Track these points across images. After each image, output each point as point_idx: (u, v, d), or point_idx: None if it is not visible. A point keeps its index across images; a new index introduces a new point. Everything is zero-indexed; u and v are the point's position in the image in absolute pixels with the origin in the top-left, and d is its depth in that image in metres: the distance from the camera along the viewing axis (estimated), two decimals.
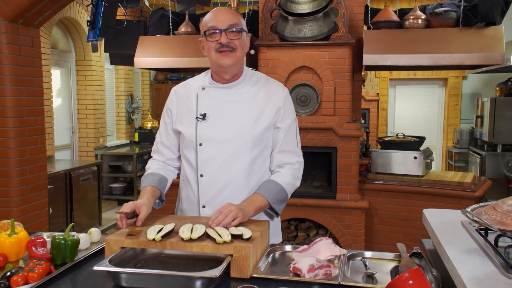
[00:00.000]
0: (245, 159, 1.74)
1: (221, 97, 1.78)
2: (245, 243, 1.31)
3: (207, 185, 1.76)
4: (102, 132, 6.88)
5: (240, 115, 1.76)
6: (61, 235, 1.40)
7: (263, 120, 1.76)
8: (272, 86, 1.84)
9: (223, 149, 1.74)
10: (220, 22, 1.69)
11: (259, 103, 1.78)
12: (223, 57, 1.70)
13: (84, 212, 5.46)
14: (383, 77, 7.69)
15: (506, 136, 6.26)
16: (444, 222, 1.40)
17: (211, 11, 1.77)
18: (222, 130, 1.75)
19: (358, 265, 1.38)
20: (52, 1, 3.09)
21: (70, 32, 6.49)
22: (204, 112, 1.76)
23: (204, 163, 1.75)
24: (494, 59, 3.74)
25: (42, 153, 3.39)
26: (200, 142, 1.76)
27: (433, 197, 3.99)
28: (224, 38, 1.68)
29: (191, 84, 1.87)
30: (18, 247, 1.40)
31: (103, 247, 1.51)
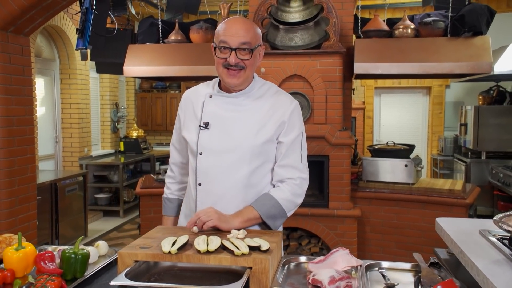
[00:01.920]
0: (243, 171, 1.70)
1: (226, 106, 1.75)
2: (263, 254, 1.28)
3: (204, 194, 1.75)
4: (87, 142, 6.77)
5: (241, 126, 1.72)
6: (70, 249, 1.35)
7: (264, 133, 1.72)
8: (280, 99, 1.79)
9: (221, 160, 1.71)
10: (232, 38, 1.65)
11: (263, 116, 1.73)
12: (230, 76, 1.68)
13: (69, 223, 5.33)
14: (368, 86, 7.77)
15: (490, 143, 6.37)
16: (461, 231, 1.40)
17: (226, 21, 1.72)
18: (222, 140, 1.72)
19: (376, 276, 1.36)
20: (43, 8, 3.03)
21: (54, 40, 6.38)
22: (207, 121, 1.74)
23: (202, 172, 1.74)
24: (482, 68, 3.81)
25: (32, 164, 3.30)
26: (200, 151, 1.74)
27: (425, 205, 4.02)
28: (233, 58, 1.65)
29: (200, 90, 1.85)
30: (26, 262, 1.34)
31: (111, 261, 1.46)
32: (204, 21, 4.48)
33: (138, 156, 7.26)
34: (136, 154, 7.35)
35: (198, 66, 4.25)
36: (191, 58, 4.30)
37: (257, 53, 1.72)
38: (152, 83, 8.36)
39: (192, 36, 4.36)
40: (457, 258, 1.34)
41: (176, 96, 8.22)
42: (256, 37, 1.70)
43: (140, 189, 4.35)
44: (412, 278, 1.36)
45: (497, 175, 6.04)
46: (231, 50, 1.65)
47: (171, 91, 8.33)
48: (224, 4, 4.33)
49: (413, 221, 4.08)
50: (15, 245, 1.36)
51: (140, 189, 4.35)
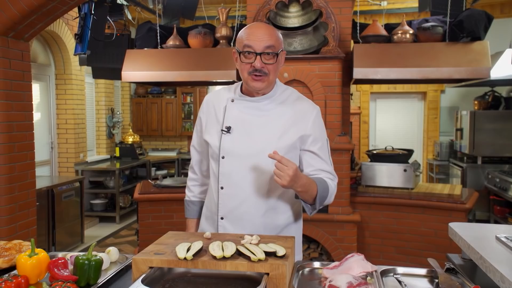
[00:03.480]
0: (265, 175, 1.71)
1: (248, 110, 1.76)
2: (280, 260, 1.27)
3: (226, 197, 1.75)
4: (82, 147, 6.72)
5: (264, 131, 1.73)
6: (83, 255, 1.33)
7: (287, 138, 1.73)
8: (301, 105, 1.79)
9: (244, 164, 1.72)
10: (256, 42, 1.65)
11: (285, 122, 1.74)
12: (255, 81, 1.69)
13: (65, 230, 5.28)
14: (364, 91, 7.81)
15: (485, 148, 6.41)
16: (477, 236, 1.40)
17: (249, 26, 1.72)
18: (244, 145, 1.73)
19: (392, 282, 1.35)
20: (44, 14, 3.00)
21: (49, 45, 6.35)
22: (229, 125, 1.75)
23: (224, 176, 1.75)
24: (481, 73, 3.84)
25: (31, 169, 3.27)
26: (222, 155, 1.75)
27: (424, 210, 4.03)
28: (258, 62, 1.65)
29: (222, 94, 1.86)
30: (39, 269, 1.32)
31: (122, 268, 1.45)
32: (202, 26, 4.48)
33: (133, 161, 7.22)
34: (132, 160, 7.30)
35: (196, 71, 4.24)
36: (190, 63, 4.29)
37: (280, 57, 1.72)
38: (147, 88, 8.33)
39: (190, 41, 4.35)
40: (472, 263, 1.33)
41: (172, 101, 8.19)
42: (278, 41, 1.71)
43: (139, 194, 4.32)
44: (428, 284, 1.35)
45: (493, 180, 6.07)
46: (256, 54, 1.65)
47: (167, 96, 8.30)
48: (222, 9, 4.33)
49: (413, 226, 4.08)
50: (27, 252, 1.34)
51: (139, 194, 4.32)
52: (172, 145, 8.57)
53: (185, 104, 8.36)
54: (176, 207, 4.32)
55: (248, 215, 1.71)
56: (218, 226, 1.77)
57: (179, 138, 8.51)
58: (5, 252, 1.50)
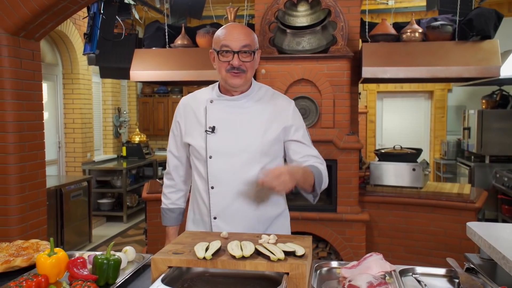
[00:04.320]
0: (254, 170, 1.75)
1: (229, 109, 1.80)
2: (299, 260, 1.27)
3: (218, 196, 1.78)
4: (90, 147, 6.73)
5: (248, 128, 1.78)
6: (102, 255, 1.34)
7: (271, 132, 1.79)
8: (279, 101, 1.87)
9: (232, 162, 1.76)
10: (233, 41, 1.71)
11: (266, 118, 1.80)
12: (233, 78, 1.74)
13: (73, 229, 5.30)
14: (370, 90, 7.78)
15: (493, 147, 6.38)
16: (498, 236, 1.39)
17: (225, 27, 1.78)
18: (231, 143, 1.77)
19: (411, 282, 1.35)
20: (55, 13, 3.01)
21: (57, 45, 6.37)
22: (213, 125, 1.78)
23: (214, 176, 1.78)
24: (491, 72, 3.82)
25: (42, 169, 3.28)
26: (210, 155, 1.78)
27: (433, 209, 4.01)
28: (236, 60, 1.71)
29: (199, 96, 1.89)
30: (59, 268, 1.32)
31: (139, 268, 1.45)
32: (210, 25, 4.48)
33: (140, 161, 7.23)
34: (139, 159, 7.32)
35: (205, 71, 4.24)
36: (198, 63, 4.29)
37: (256, 55, 1.78)
38: (153, 88, 8.34)
39: (198, 40, 4.35)
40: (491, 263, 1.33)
41: (178, 100, 8.10)
42: (254, 40, 1.78)
43: (147, 194, 4.32)
44: (447, 283, 1.34)
45: (501, 179, 6.04)
46: (233, 53, 1.71)
47: (173, 95, 8.31)
48: (231, 9, 4.33)
49: (422, 225, 4.07)
50: (47, 251, 1.34)
51: (147, 194, 4.32)
52: None
53: None
54: None
55: (241, 211, 1.76)
56: (212, 226, 1.80)
57: None
58: (22, 251, 1.50)
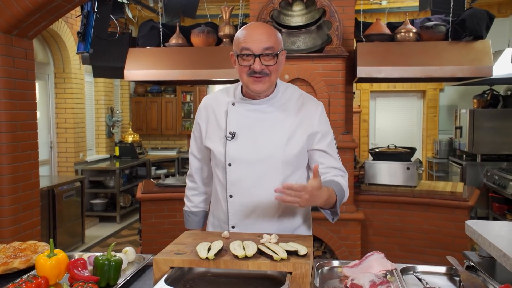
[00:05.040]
0: (275, 180, 1.64)
1: (251, 114, 1.69)
2: (302, 259, 1.27)
3: (236, 206, 1.69)
4: (82, 147, 6.69)
5: (270, 134, 1.67)
6: (103, 256, 1.32)
7: (295, 143, 1.67)
8: (305, 105, 1.73)
9: (252, 170, 1.66)
10: (254, 44, 1.58)
11: (290, 123, 1.69)
12: (255, 83, 1.62)
13: (66, 230, 5.25)
14: (364, 90, 7.82)
15: (485, 146, 6.45)
16: (497, 234, 1.40)
17: (246, 27, 1.65)
18: (252, 150, 1.66)
19: (412, 280, 1.35)
20: (48, 11, 2.98)
21: (48, 44, 6.31)
22: (234, 131, 1.68)
23: (233, 184, 1.68)
24: (483, 72, 3.85)
25: (35, 169, 3.24)
26: (229, 162, 1.67)
27: (427, 208, 4.04)
28: (257, 64, 1.58)
29: (221, 97, 1.78)
30: (59, 269, 1.30)
31: (140, 269, 1.44)
32: (205, 24, 4.46)
33: (133, 161, 7.20)
34: (132, 159, 7.28)
35: (199, 70, 4.23)
36: (193, 62, 4.28)
37: (280, 57, 1.66)
38: (147, 87, 8.30)
39: (193, 39, 4.33)
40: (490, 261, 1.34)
41: (171, 100, 8.17)
42: (278, 41, 1.65)
43: (141, 194, 4.30)
44: (448, 281, 1.35)
45: (492, 177, 6.11)
46: (254, 56, 1.59)
47: (166, 95, 8.28)
48: (226, 8, 4.32)
49: (416, 224, 4.09)
50: (46, 252, 1.32)
51: (141, 194, 4.30)
52: (172, 144, 8.55)
53: (184, 103, 8.34)
54: (179, 206, 4.30)
55: (260, 222, 1.67)
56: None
57: (179, 137, 8.50)
58: (20, 252, 1.48)
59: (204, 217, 1.93)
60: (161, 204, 4.32)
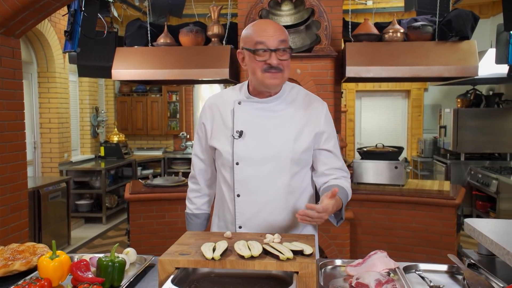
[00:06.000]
0: (284, 178, 1.66)
1: (258, 112, 1.70)
2: (308, 259, 1.27)
3: (244, 205, 1.69)
4: (67, 147, 6.59)
5: (278, 133, 1.67)
6: (106, 257, 1.30)
7: (303, 140, 1.69)
8: (311, 104, 1.75)
9: (261, 169, 1.66)
10: (270, 38, 1.59)
11: (298, 121, 1.70)
12: (271, 78, 1.62)
13: (51, 231, 5.17)
14: (349, 89, 7.87)
15: (468, 145, 6.57)
16: (497, 232, 1.42)
17: (257, 24, 1.66)
18: (259, 149, 1.66)
19: (415, 278, 1.37)
20: (36, 10, 2.93)
21: (31, 42, 6.20)
22: (241, 130, 1.67)
23: (240, 183, 1.68)
24: (469, 72, 3.92)
25: (23, 170, 3.18)
26: (236, 161, 1.67)
27: (415, 206, 4.08)
28: (274, 59, 1.59)
29: (226, 97, 1.77)
30: (61, 271, 1.28)
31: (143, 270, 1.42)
32: (193, 24, 4.44)
33: (119, 161, 7.12)
34: (117, 159, 7.20)
35: (188, 70, 4.20)
36: (181, 62, 4.25)
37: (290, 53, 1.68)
38: (132, 86, 8.22)
39: (182, 39, 4.31)
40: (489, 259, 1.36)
41: (157, 100, 8.11)
42: (288, 36, 1.67)
43: (130, 194, 4.26)
44: (450, 279, 1.37)
45: (476, 176, 6.22)
46: (270, 51, 1.59)
47: (152, 95, 8.21)
48: (214, 7, 4.31)
49: (404, 222, 4.14)
50: (48, 254, 1.30)
51: (130, 194, 4.26)
52: (158, 144, 8.49)
53: (170, 103, 8.29)
54: (168, 206, 4.28)
55: (268, 221, 1.66)
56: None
57: (165, 137, 8.44)
58: (18, 254, 1.45)
59: (206, 219, 1.91)
60: (150, 205, 4.28)
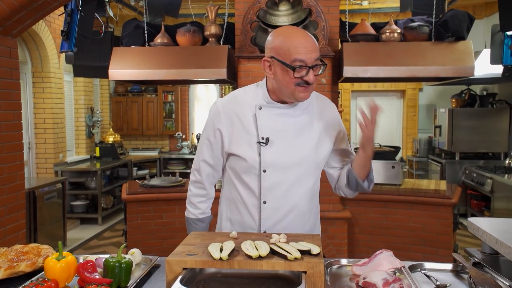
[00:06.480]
0: (309, 183, 1.70)
1: (280, 118, 1.68)
2: (316, 258, 1.27)
3: (270, 212, 1.69)
4: (62, 148, 6.55)
5: (301, 138, 1.69)
6: (113, 257, 1.30)
7: (325, 145, 1.73)
8: (325, 105, 1.79)
9: (288, 175, 1.67)
10: (308, 55, 1.55)
11: (317, 125, 1.72)
12: (303, 92, 1.60)
13: (47, 233, 5.13)
14: (345, 89, 7.90)
15: (463, 144, 6.61)
16: (502, 231, 1.43)
17: (293, 36, 1.59)
18: (286, 155, 1.67)
19: (421, 277, 1.37)
20: (34, 9, 2.91)
21: (26, 42, 6.15)
22: (267, 136, 1.65)
23: (268, 190, 1.67)
24: (466, 72, 3.94)
25: (20, 171, 3.16)
26: (264, 169, 1.66)
27: (412, 205, 4.11)
28: (311, 76, 1.57)
29: (243, 100, 1.72)
30: (68, 272, 1.28)
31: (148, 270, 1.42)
32: (191, 23, 4.43)
33: (114, 161, 7.08)
34: (113, 160, 7.17)
35: (186, 70, 4.19)
36: (179, 62, 4.24)
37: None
38: (127, 86, 8.19)
39: (179, 39, 4.30)
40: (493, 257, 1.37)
41: (153, 100, 8.09)
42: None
43: (127, 195, 4.24)
44: (455, 278, 1.38)
45: (470, 175, 6.26)
46: (308, 68, 1.57)
47: (147, 95, 8.19)
48: (211, 7, 4.30)
49: (401, 222, 4.16)
50: (55, 255, 1.29)
51: (127, 195, 4.24)
52: (153, 144, 8.46)
53: (166, 103, 8.26)
54: (165, 207, 4.27)
55: (291, 226, 1.69)
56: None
57: (160, 137, 8.41)
58: (22, 256, 1.44)
59: (209, 222, 1.91)
60: (147, 205, 4.27)
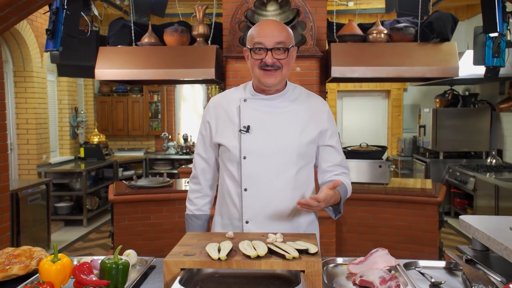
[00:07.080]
0: (290, 172, 1.71)
1: (264, 109, 1.75)
2: (314, 257, 1.28)
3: (252, 199, 1.71)
4: (45, 148, 6.44)
5: (284, 128, 1.73)
6: (109, 259, 1.28)
7: (307, 134, 1.74)
8: (314, 102, 1.83)
9: (268, 162, 1.70)
10: (266, 38, 1.66)
11: (302, 118, 1.76)
12: (267, 76, 1.69)
13: (31, 235, 5.04)
14: (331, 89, 7.94)
15: (447, 144, 6.71)
16: (493, 228, 1.46)
17: (259, 24, 1.75)
18: (267, 143, 1.71)
19: (415, 275, 1.39)
20: (19, 7, 2.86)
21: (6, 40, 6.03)
22: (248, 125, 1.71)
23: (248, 177, 1.71)
24: (451, 72, 4.01)
25: (4, 172, 3.09)
26: (244, 155, 1.71)
27: (399, 204, 4.15)
28: (269, 58, 1.66)
29: (231, 96, 1.83)
30: (64, 274, 1.25)
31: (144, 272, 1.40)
32: (178, 23, 4.41)
33: (100, 162, 7.00)
34: (98, 160, 7.08)
35: (174, 70, 4.17)
36: (166, 61, 4.21)
37: (291, 52, 1.73)
38: (112, 86, 8.10)
39: (166, 38, 4.27)
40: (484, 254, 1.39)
41: (138, 100, 8.01)
42: (289, 37, 1.73)
43: (114, 196, 4.19)
44: (448, 275, 1.40)
45: (454, 174, 6.37)
46: (266, 50, 1.66)
47: (133, 94, 8.11)
48: (199, 7, 4.28)
49: (388, 220, 4.20)
50: (49, 257, 1.27)
51: (114, 196, 4.19)
52: (139, 144, 8.39)
53: (152, 103, 8.20)
54: (153, 208, 4.23)
55: (275, 216, 1.70)
56: (243, 230, 1.72)
57: (146, 138, 8.35)
58: (14, 258, 1.41)
59: (207, 221, 1.91)
60: (135, 206, 4.23)
